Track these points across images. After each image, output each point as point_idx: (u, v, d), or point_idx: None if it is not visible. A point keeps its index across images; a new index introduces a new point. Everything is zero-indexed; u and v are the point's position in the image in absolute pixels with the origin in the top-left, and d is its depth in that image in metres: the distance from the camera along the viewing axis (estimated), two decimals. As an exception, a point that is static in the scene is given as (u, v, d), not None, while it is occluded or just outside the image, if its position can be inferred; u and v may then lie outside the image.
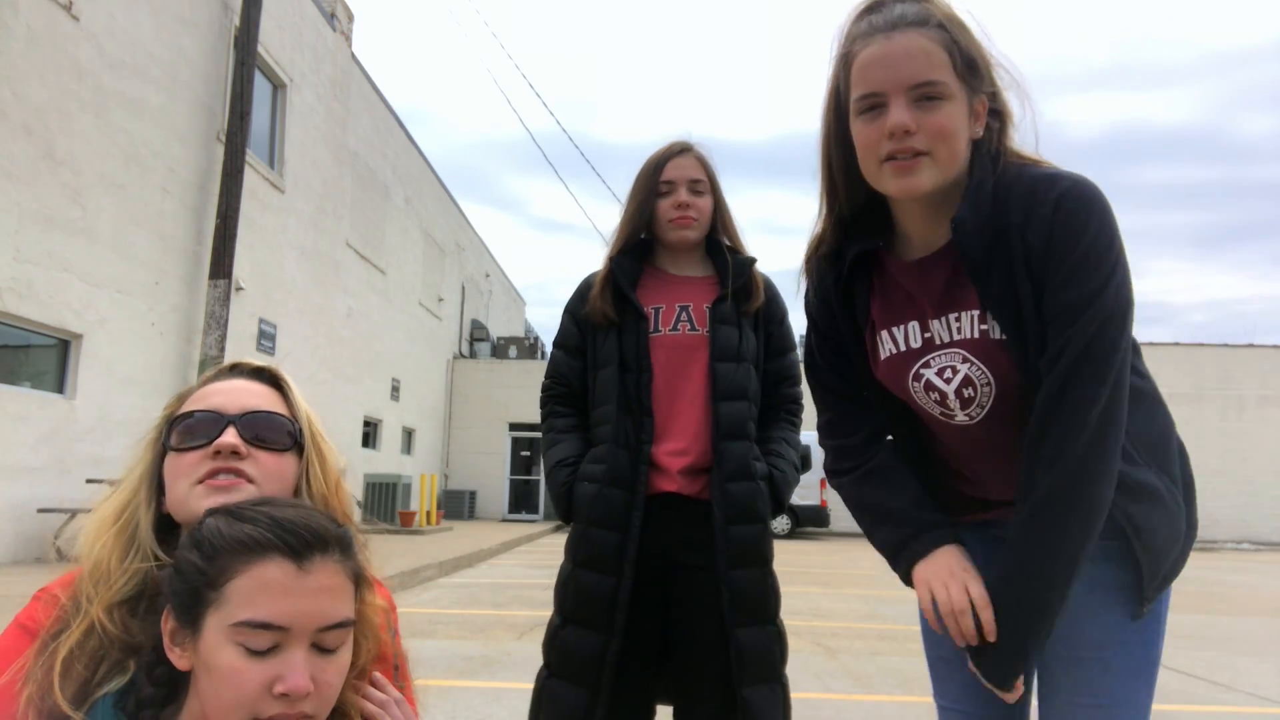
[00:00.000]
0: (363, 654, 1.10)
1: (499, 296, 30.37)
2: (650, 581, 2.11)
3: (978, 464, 1.41)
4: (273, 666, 0.93)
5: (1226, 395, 23.74)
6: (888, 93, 1.23)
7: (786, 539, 18.91)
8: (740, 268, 2.21)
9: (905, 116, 1.21)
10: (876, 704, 4.28)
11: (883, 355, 1.41)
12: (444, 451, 23.02)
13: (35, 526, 8.23)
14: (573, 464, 2.21)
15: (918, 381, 1.36)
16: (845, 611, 7.53)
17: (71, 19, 8.61)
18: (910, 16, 1.24)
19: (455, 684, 4.39)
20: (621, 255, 2.24)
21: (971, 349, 1.31)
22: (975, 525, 1.43)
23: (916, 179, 1.24)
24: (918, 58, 1.22)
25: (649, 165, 2.24)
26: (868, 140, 1.26)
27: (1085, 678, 1.29)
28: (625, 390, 2.14)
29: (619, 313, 2.19)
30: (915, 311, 1.37)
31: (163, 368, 10.23)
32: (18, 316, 8.12)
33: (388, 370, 18.26)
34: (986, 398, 1.32)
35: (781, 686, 2.10)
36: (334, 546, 0.99)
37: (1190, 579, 12.20)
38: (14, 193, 7.94)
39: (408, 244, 19.55)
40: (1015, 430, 1.31)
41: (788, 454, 2.24)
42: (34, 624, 1.05)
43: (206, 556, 0.96)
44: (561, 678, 2.08)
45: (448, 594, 8.06)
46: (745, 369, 2.17)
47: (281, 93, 13.22)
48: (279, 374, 1.25)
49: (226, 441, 1.12)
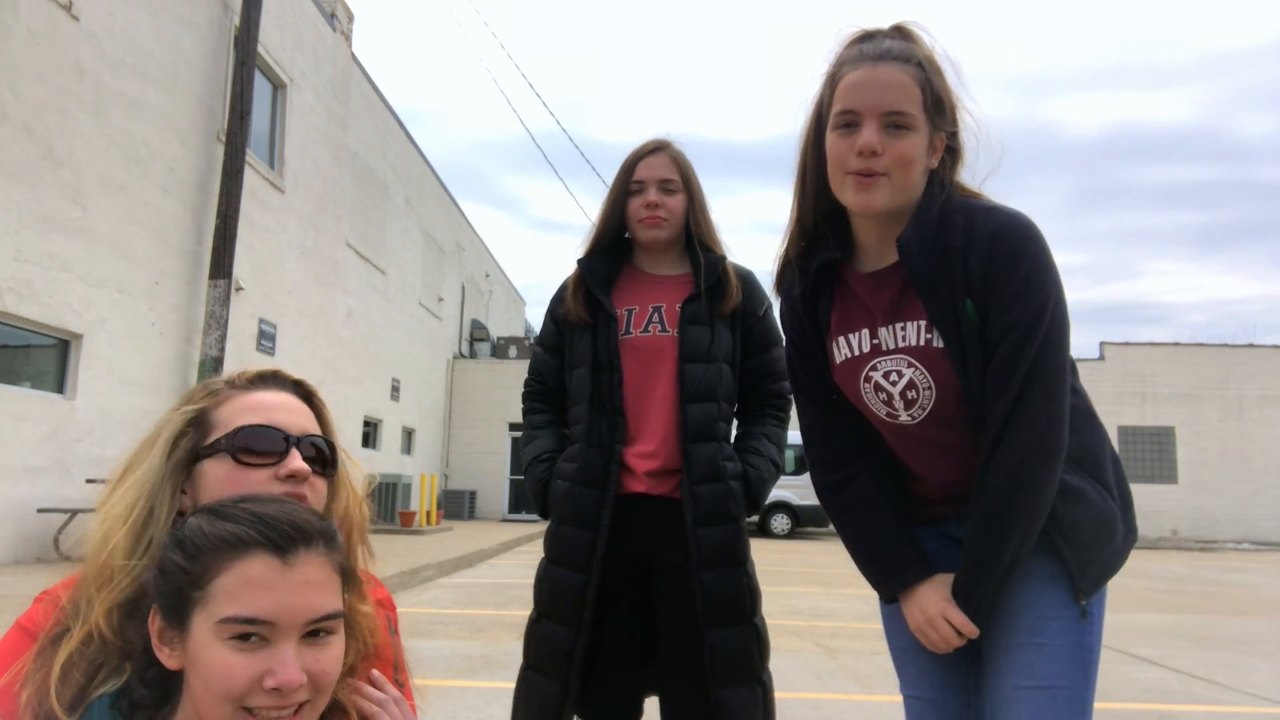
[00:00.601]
0: (352, 652, 1.10)
1: (499, 296, 30.37)
2: (631, 580, 2.13)
3: (918, 463, 1.54)
4: (262, 661, 0.93)
5: (1226, 395, 23.73)
6: (863, 114, 1.38)
7: (786, 539, 18.91)
8: (711, 267, 2.20)
9: (874, 138, 1.37)
10: (876, 704, 4.28)
11: (838, 360, 1.54)
12: (444, 451, 23.02)
13: (35, 526, 8.23)
14: (548, 459, 2.24)
15: (868, 383, 1.50)
16: (845, 611, 7.53)
17: (71, 19, 8.61)
18: (895, 52, 1.41)
19: (455, 684, 4.39)
20: (593, 256, 2.25)
21: (916, 355, 1.44)
22: (928, 523, 1.57)
23: (873, 196, 1.39)
24: (894, 89, 1.37)
25: (623, 165, 2.25)
26: (838, 152, 1.41)
27: (1024, 662, 1.39)
28: (598, 390, 2.16)
29: (591, 314, 2.20)
30: (867, 320, 1.50)
31: (163, 368, 10.23)
32: (18, 316, 8.12)
33: (388, 370, 18.26)
34: (928, 400, 1.45)
35: (762, 686, 2.09)
36: (318, 540, 0.99)
37: (1190, 579, 12.20)
38: (14, 193, 7.94)
39: (408, 244, 19.55)
40: (951, 430, 1.46)
41: (766, 450, 2.23)
42: (35, 627, 1.04)
43: (190, 556, 0.96)
44: (536, 670, 2.12)
45: (448, 594, 8.06)
46: (716, 369, 2.16)
47: (281, 93, 13.23)
48: (315, 392, 1.25)
49: (301, 468, 1.14)
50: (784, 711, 4.00)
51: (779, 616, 7.09)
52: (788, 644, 5.80)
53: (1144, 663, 5.55)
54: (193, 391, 1.21)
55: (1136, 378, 23.21)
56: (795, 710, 4.08)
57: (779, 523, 19.43)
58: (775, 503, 19.24)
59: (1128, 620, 7.34)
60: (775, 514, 19.40)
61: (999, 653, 1.42)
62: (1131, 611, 8.03)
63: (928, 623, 1.45)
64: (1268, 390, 23.81)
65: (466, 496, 21.68)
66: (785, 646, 5.71)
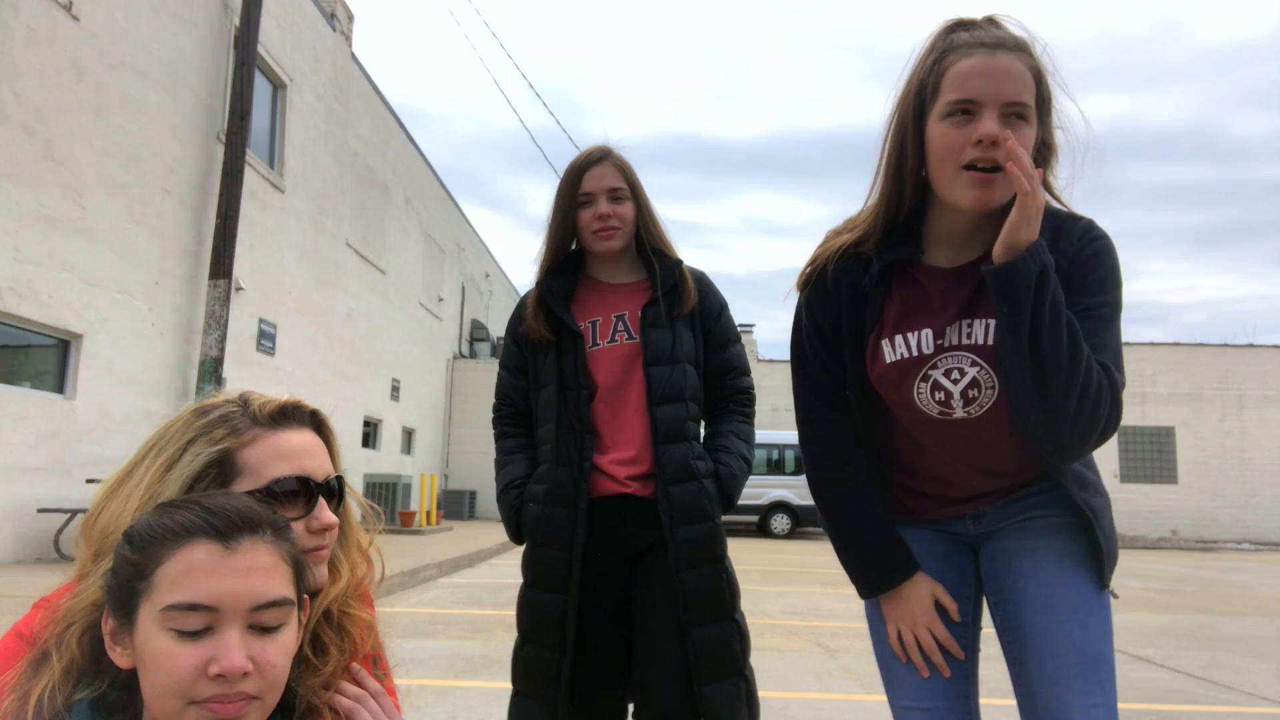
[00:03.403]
0: (331, 660, 1.10)
1: (499, 296, 30.37)
2: (612, 593, 2.14)
3: (950, 463, 1.51)
4: (206, 648, 0.92)
5: (1226, 395, 23.72)
6: (983, 103, 1.31)
7: (786, 539, 18.90)
8: (668, 272, 2.21)
9: (998, 127, 1.29)
10: (876, 704, 4.27)
11: (887, 359, 1.47)
12: (444, 451, 23.01)
13: (35, 526, 8.23)
14: (520, 485, 2.24)
15: (924, 383, 1.45)
16: (845, 611, 7.53)
17: (71, 19, 8.61)
18: (1011, 41, 1.35)
19: (455, 684, 4.39)
20: (550, 275, 2.23)
21: (982, 354, 1.41)
22: (929, 523, 1.56)
23: (993, 192, 1.33)
24: (1016, 78, 1.31)
25: (567, 176, 2.23)
26: (950, 143, 1.34)
27: (1070, 639, 1.39)
28: (565, 408, 2.16)
29: (555, 332, 2.20)
30: (932, 318, 1.45)
31: (163, 368, 10.23)
32: (18, 316, 8.12)
33: (388, 370, 18.26)
34: (988, 399, 1.42)
35: (745, 680, 2.10)
36: (264, 528, 0.98)
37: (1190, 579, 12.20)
38: (14, 193, 7.94)
39: (408, 244, 19.55)
40: (998, 431, 1.43)
41: (736, 448, 2.24)
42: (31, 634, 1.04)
43: (137, 549, 0.95)
44: (526, 695, 2.14)
45: (448, 594, 8.06)
46: (680, 370, 2.17)
47: (281, 93, 13.22)
48: (326, 420, 1.23)
49: (331, 521, 1.15)
50: (784, 711, 4.01)
51: (779, 616, 7.08)
52: (788, 644, 5.80)
53: (1144, 663, 5.55)
54: (209, 422, 1.12)
55: (1136, 378, 23.18)
56: (795, 710, 4.08)
57: (779, 523, 19.41)
58: (775, 503, 19.23)
59: (1128, 620, 7.34)
60: (775, 514, 19.38)
61: (1040, 629, 1.41)
62: (1131, 611, 8.03)
63: (909, 628, 1.48)
64: (1268, 390, 23.79)
65: (466, 496, 21.67)
66: (785, 646, 5.71)
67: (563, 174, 2.25)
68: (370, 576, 1.26)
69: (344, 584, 1.18)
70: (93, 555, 1.05)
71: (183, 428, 1.12)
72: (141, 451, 1.12)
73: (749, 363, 2.37)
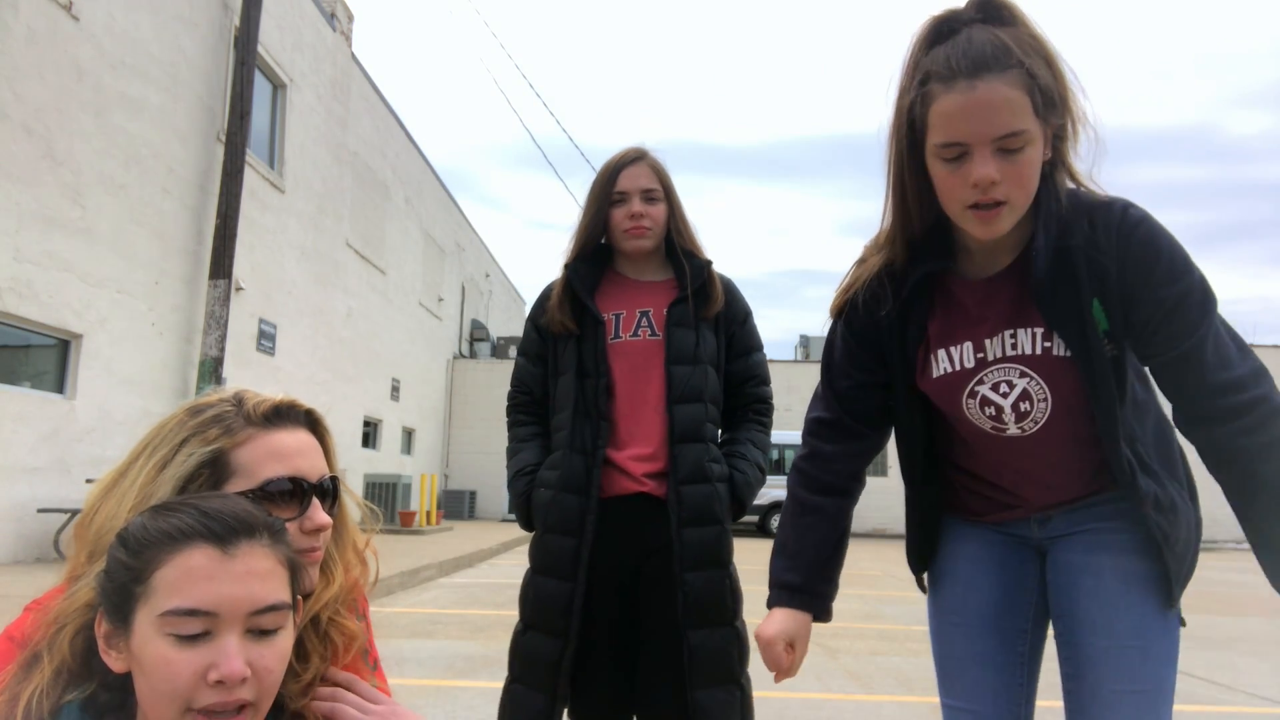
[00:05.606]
0: (313, 667, 1.09)
1: (499, 296, 30.37)
2: (620, 590, 2.12)
3: (1009, 476, 1.47)
4: (205, 654, 0.91)
5: (1226, 395, 23.67)
6: (972, 144, 1.23)
7: (786, 539, 18.90)
8: (697, 271, 2.22)
9: (990, 169, 1.22)
10: (876, 704, 4.27)
11: (935, 373, 1.44)
12: (444, 451, 23.01)
13: (35, 526, 8.23)
14: (531, 472, 2.23)
15: (972, 398, 1.41)
16: (845, 611, 7.53)
17: (71, 19, 8.61)
18: (990, 57, 1.21)
19: (455, 684, 4.39)
20: (578, 262, 2.24)
21: (1031, 364, 1.36)
22: (995, 524, 1.52)
23: (999, 225, 1.28)
24: (1002, 110, 1.20)
25: (603, 174, 2.24)
26: (950, 186, 1.28)
27: (1127, 665, 1.37)
28: (583, 396, 2.15)
29: (578, 320, 2.20)
30: (970, 331, 1.40)
31: (163, 368, 10.23)
32: (18, 316, 8.12)
33: (388, 370, 18.26)
34: (1043, 412, 1.37)
35: (740, 689, 2.09)
36: (262, 531, 0.98)
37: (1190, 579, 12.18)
38: (14, 193, 7.94)
39: (408, 244, 19.55)
40: (1063, 444, 1.39)
41: (752, 455, 2.23)
42: (22, 636, 1.03)
43: (133, 552, 0.94)
44: (523, 683, 2.10)
45: (448, 594, 8.06)
46: (702, 371, 2.17)
47: (281, 93, 13.22)
48: (321, 420, 1.21)
49: (325, 522, 1.13)
50: (784, 711, 4.01)
51: (779, 616, 7.07)
52: (788, 644, 5.79)
53: (1144, 663, 5.54)
54: (202, 421, 1.10)
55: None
56: (795, 710, 4.07)
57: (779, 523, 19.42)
58: (775, 503, 19.23)
59: (1128, 620, 7.33)
60: (775, 514, 19.39)
61: (1098, 653, 1.38)
62: (1131, 611, 8.02)
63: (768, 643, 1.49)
64: (1268, 390, 23.76)
65: (466, 496, 21.68)
66: (785, 646, 5.70)
67: (598, 171, 2.27)
68: (365, 578, 1.25)
69: (336, 589, 1.16)
70: (87, 556, 1.04)
71: (176, 427, 1.10)
72: (135, 451, 1.11)
73: (769, 372, 2.37)
